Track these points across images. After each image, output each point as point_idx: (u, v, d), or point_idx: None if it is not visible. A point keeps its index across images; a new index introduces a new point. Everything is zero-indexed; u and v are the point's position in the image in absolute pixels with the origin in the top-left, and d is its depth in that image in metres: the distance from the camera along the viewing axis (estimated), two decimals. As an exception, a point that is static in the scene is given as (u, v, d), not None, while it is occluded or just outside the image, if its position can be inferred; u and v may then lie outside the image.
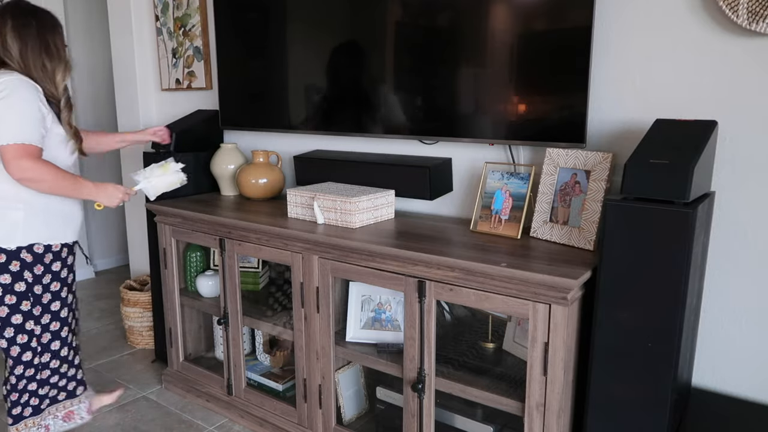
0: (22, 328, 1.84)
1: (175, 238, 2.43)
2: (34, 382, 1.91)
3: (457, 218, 2.15)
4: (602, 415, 1.50)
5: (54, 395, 1.99)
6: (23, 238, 1.80)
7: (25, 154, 1.70)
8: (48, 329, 1.90)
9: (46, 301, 1.88)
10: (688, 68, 1.67)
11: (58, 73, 1.84)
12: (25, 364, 1.87)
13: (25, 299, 1.83)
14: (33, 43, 1.80)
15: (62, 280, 1.92)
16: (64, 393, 2.02)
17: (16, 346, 1.85)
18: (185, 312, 2.55)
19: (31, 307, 1.84)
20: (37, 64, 1.80)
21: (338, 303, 2.03)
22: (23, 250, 1.80)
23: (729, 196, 1.65)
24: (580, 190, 1.74)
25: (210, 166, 2.62)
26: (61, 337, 1.94)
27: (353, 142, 2.42)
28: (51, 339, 1.92)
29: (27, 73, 1.79)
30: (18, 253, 1.80)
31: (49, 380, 1.95)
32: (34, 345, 1.88)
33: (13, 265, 1.79)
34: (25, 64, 1.79)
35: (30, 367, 1.89)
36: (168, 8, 2.96)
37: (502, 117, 1.92)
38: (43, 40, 1.82)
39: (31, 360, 1.88)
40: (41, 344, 1.90)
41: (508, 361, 1.82)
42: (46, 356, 1.92)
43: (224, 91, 2.68)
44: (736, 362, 1.71)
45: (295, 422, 2.17)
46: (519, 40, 1.84)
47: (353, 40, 2.24)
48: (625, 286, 1.41)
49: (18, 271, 1.80)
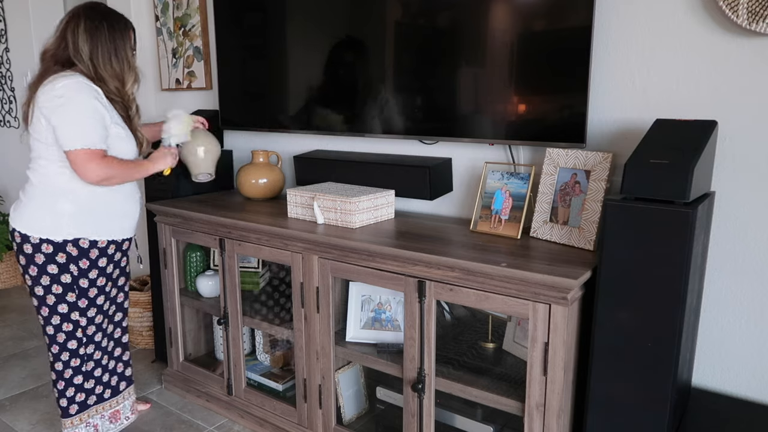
0: (67, 317, 1.92)
1: (175, 238, 2.43)
2: (80, 374, 1.98)
3: (457, 218, 2.15)
4: (602, 415, 1.50)
5: (100, 392, 2.07)
6: (69, 231, 1.86)
7: (92, 157, 1.79)
8: (93, 322, 1.97)
9: (92, 295, 1.95)
10: (688, 68, 1.67)
11: (129, 80, 1.91)
12: (70, 353, 1.95)
13: (71, 291, 1.90)
14: (103, 43, 1.84)
15: (108, 275, 1.99)
16: (110, 390, 2.09)
17: (62, 332, 1.92)
18: (185, 312, 2.55)
19: (76, 299, 1.92)
20: (106, 67, 1.86)
21: (338, 303, 2.03)
22: (69, 243, 1.87)
23: (729, 196, 1.65)
24: (580, 190, 1.74)
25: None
26: (104, 330, 2.02)
27: (353, 142, 2.42)
28: (95, 331, 1.99)
29: (95, 74, 1.84)
30: (64, 246, 1.86)
31: (93, 373, 2.02)
32: (79, 335, 1.95)
33: (60, 256, 1.86)
34: (95, 66, 1.84)
35: (75, 357, 1.96)
36: (168, 8, 2.96)
37: (502, 117, 1.92)
38: (112, 41, 1.87)
39: (76, 349, 1.95)
40: (86, 335, 1.97)
41: (508, 361, 1.82)
42: (90, 347, 1.99)
43: (224, 91, 2.68)
44: (736, 362, 1.71)
45: (295, 422, 2.17)
46: (519, 40, 1.84)
47: (353, 40, 2.24)
48: (625, 286, 1.41)
49: (64, 263, 1.87)
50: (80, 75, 1.82)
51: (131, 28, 1.95)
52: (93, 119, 1.79)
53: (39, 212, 1.85)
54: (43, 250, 1.85)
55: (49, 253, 1.86)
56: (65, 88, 1.76)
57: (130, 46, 1.93)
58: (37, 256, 1.85)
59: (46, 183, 1.86)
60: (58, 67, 1.83)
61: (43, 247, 1.85)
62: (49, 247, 1.85)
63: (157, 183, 2.56)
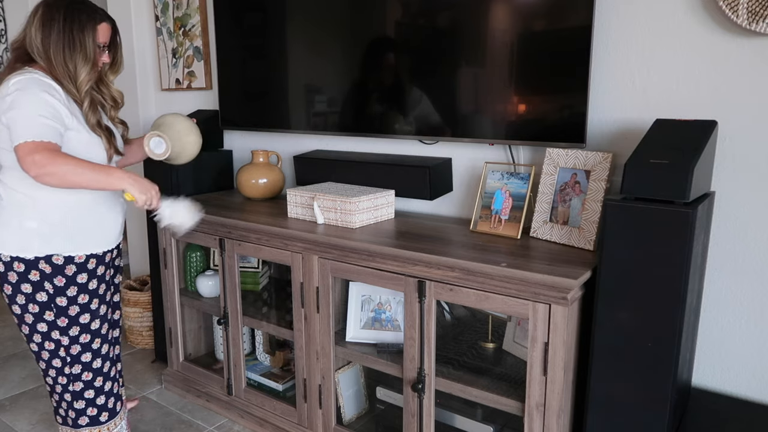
0: (48, 336, 1.77)
1: (175, 238, 2.43)
2: (68, 393, 1.83)
3: (457, 218, 2.15)
4: (602, 415, 1.50)
5: (94, 415, 1.86)
6: (40, 248, 1.70)
7: (37, 149, 1.57)
8: (77, 341, 1.79)
9: (73, 314, 1.77)
10: (688, 68, 1.67)
11: (81, 73, 1.70)
12: (56, 370, 1.81)
13: (48, 309, 1.74)
14: (56, 36, 1.67)
15: (91, 292, 1.80)
16: (106, 413, 1.88)
17: (45, 351, 1.78)
18: (185, 312, 2.55)
19: (55, 317, 1.75)
20: (58, 59, 1.68)
21: (338, 303, 2.03)
22: (41, 260, 1.71)
23: (729, 196, 1.65)
24: (580, 190, 1.74)
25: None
26: (92, 349, 1.82)
27: (353, 142, 2.42)
28: (81, 351, 1.80)
29: (50, 70, 1.69)
30: (36, 263, 1.71)
31: (84, 394, 1.84)
32: (63, 354, 1.79)
33: (33, 274, 1.71)
34: (49, 60, 1.68)
35: (61, 375, 1.81)
36: (168, 8, 2.96)
37: (502, 117, 1.92)
38: (69, 34, 1.68)
39: (62, 368, 1.80)
40: (70, 355, 1.80)
41: (508, 361, 1.82)
42: (77, 367, 1.81)
43: (224, 91, 2.68)
44: (736, 362, 1.71)
45: (295, 422, 2.17)
46: (519, 40, 1.84)
47: (353, 40, 2.24)
48: (625, 286, 1.41)
49: (38, 281, 1.72)
50: (38, 71, 1.66)
51: (100, 22, 1.74)
52: (43, 112, 1.61)
53: (7, 229, 1.70)
54: (15, 268, 1.71)
55: (21, 271, 1.70)
56: (16, 84, 1.61)
57: (94, 41, 1.73)
58: (10, 274, 1.71)
59: (12, 197, 1.70)
60: (19, 65, 1.69)
61: (15, 266, 1.70)
62: (20, 265, 1.70)
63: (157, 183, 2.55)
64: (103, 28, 1.75)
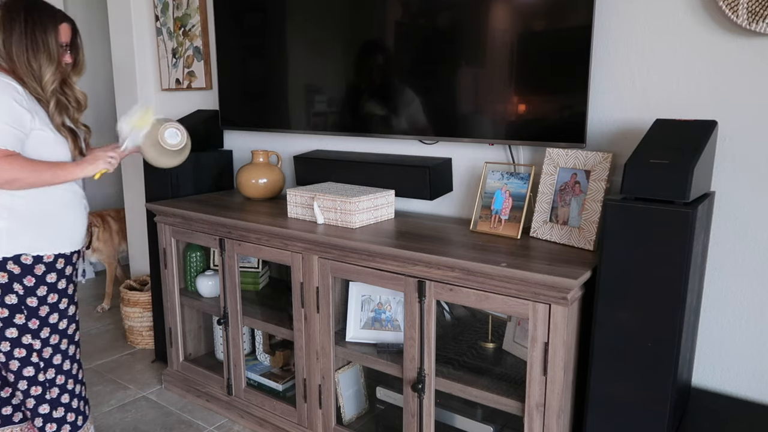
0: (18, 342, 1.72)
1: (175, 238, 2.43)
2: (45, 403, 1.78)
3: (457, 218, 2.15)
4: (602, 415, 1.50)
5: (72, 420, 1.84)
6: (8, 248, 1.68)
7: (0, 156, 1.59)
8: (48, 343, 1.77)
9: (43, 314, 1.75)
10: (688, 68, 1.67)
11: (46, 74, 1.71)
12: (28, 380, 1.75)
13: (18, 312, 1.71)
14: (18, 37, 1.68)
15: (60, 291, 1.78)
16: (81, 417, 1.87)
17: (14, 360, 1.73)
18: (185, 312, 2.55)
19: (26, 320, 1.72)
20: (21, 60, 1.68)
21: (338, 303, 2.03)
22: (9, 261, 1.68)
23: (729, 196, 1.65)
24: (580, 190, 1.74)
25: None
26: (62, 351, 1.80)
27: (353, 142, 2.42)
28: (52, 353, 1.78)
29: (13, 69, 1.69)
30: (4, 264, 1.68)
31: (61, 400, 1.81)
32: (35, 360, 1.75)
33: (1, 277, 1.68)
34: (10, 59, 1.68)
35: (35, 385, 1.76)
36: (168, 8, 2.96)
37: (502, 117, 1.92)
38: (32, 35, 1.68)
39: (35, 376, 1.75)
40: (43, 359, 1.76)
41: (508, 361, 1.82)
42: (50, 372, 1.78)
43: (224, 91, 2.68)
44: (736, 362, 1.71)
45: (295, 422, 2.17)
46: (519, 40, 1.84)
47: (353, 40, 2.24)
48: (625, 286, 1.41)
49: (6, 283, 1.69)
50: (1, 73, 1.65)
51: (62, 22, 1.75)
52: (7, 118, 1.61)
53: None
54: None
55: None
56: None
57: (57, 41, 1.73)
58: None
59: None
60: None
61: None
62: None
63: (157, 183, 2.56)
64: (64, 28, 1.76)
